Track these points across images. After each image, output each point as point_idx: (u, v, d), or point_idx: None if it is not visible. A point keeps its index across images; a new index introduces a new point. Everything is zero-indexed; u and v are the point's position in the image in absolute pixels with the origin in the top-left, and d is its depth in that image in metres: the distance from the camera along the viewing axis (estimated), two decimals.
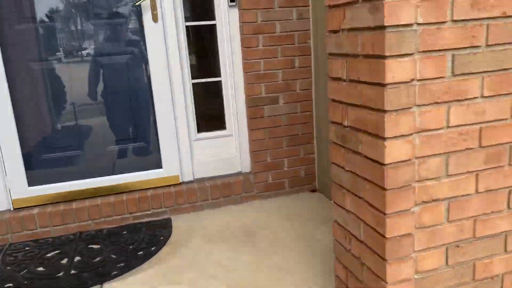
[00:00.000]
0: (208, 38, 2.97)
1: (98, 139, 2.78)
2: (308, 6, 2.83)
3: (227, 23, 2.82)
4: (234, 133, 3.01)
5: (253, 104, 2.87)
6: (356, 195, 1.44)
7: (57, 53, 2.66)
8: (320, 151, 3.01)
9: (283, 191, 3.07)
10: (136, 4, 2.64)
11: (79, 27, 2.70)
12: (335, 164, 1.56)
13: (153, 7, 2.63)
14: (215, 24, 2.86)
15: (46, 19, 2.59)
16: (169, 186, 2.88)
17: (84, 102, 2.75)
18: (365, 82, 1.28)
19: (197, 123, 2.94)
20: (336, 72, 1.45)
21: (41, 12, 2.57)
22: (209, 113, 3.07)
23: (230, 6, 2.80)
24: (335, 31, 1.42)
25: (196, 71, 2.94)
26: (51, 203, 2.67)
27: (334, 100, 1.50)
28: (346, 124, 1.44)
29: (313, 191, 3.14)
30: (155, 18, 2.66)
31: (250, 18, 2.75)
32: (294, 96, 2.95)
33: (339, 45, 1.41)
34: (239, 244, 2.41)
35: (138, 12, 2.69)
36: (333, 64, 1.46)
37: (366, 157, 1.33)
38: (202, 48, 3.02)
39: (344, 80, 1.40)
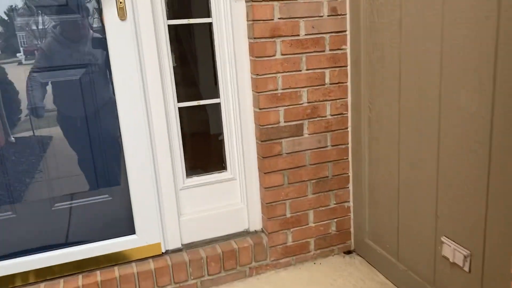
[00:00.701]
0: (201, 43, 2.09)
1: (39, 193, 1.87)
2: None
3: (229, 22, 1.94)
4: (239, 177, 2.13)
5: (267, 137, 2.00)
6: None
7: None
8: (360, 198, 2.15)
9: (308, 255, 2.20)
10: None
11: (13, 28, 1.77)
12: None
13: None
14: (211, 23, 1.97)
15: None
16: (146, 259, 1.97)
17: (19, 135, 1.83)
18: None
19: (186, 165, 2.05)
20: None
21: None
22: (203, 150, 2.18)
23: None
24: None
25: (184, 91, 2.05)
26: None
27: None
28: None
29: (348, 252, 2.28)
30: (122, 14, 1.76)
31: (263, 15, 1.87)
32: (323, 124, 2.09)
33: None
34: None
35: (96, 5, 1.79)
36: None
37: None
38: (193, 58, 2.14)
39: None
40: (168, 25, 1.88)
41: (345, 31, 2.03)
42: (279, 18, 1.90)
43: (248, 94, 2.04)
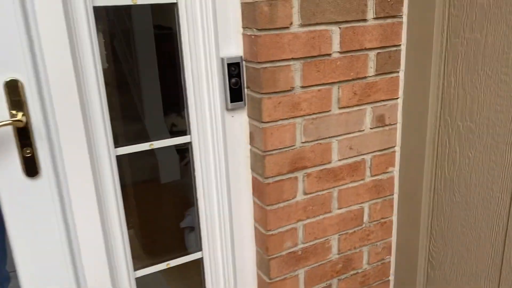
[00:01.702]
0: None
1: None
2: None
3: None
4: None
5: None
6: None
7: None
8: None
9: None
10: None
11: None
12: None
13: None
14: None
15: None
16: None
17: None
18: None
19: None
20: None
21: None
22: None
23: None
24: None
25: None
26: None
27: None
28: None
29: None
30: None
31: (280, 141, 1.14)
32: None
33: None
34: None
35: None
36: None
37: None
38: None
39: None
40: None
41: (394, 146, 1.34)
42: (303, 143, 1.18)
43: (249, 259, 1.30)
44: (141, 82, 1.44)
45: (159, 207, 1.57)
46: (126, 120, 1.27)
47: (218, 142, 1.19)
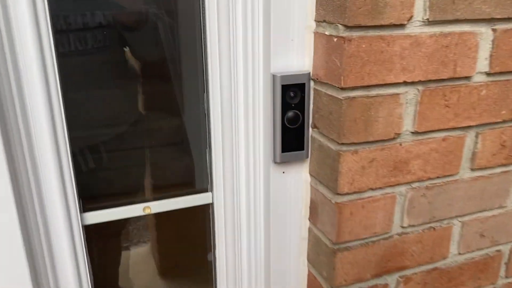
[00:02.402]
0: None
1: None
2: None
3: (259, 210, 0.69)
4: None
5: None
6: None
7: None
8: None
9: None
10: None
11: None
12: None
13: None
14: (211, 204, 0.73)
15: None
16: None
17: None
18: None
19: None
20: None
21: None
22: None
23: None
24: None
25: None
26: None
27: None
28: None
29: None
30: None
31: None
32: None
33: None
34: None
35: None
36: None
37: None
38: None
39: None
40: None
41: None
42: (405, 228, 0.67)
43: None
44: None
45: None
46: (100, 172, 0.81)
47: (256, 210, 0.71)
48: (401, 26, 0.57)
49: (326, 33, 0.58)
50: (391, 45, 0.57)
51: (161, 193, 0.73)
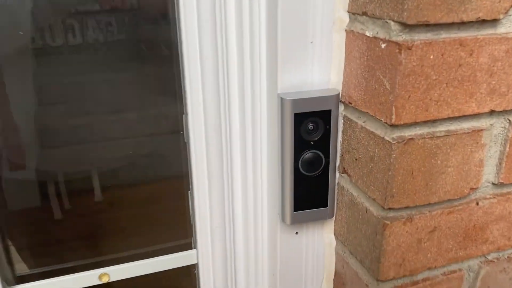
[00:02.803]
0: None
1: None
2: None
3: None
4: None
5: None
6: None
7: None
8: None
9: None
10: None
11: None
12: None
13: None
14: None
15: None
16: None
17: None
18: None
19: None
20: None
21: None
22: None
23: None
24: None
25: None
26: None
27: None
28: None
29: None
30: None
31: None
32: None
33: None
34: None
35: None
36: None
37: None
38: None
39: None
40: None
41: None
42: None
43: None
44: None
45: None
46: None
47: (257, 279, 0.50)
48: (493, 23, 0.34)
49: (368, 33, 0.36)
50: (476, 55, 0.35)
51: (123, 253, 0.53)
